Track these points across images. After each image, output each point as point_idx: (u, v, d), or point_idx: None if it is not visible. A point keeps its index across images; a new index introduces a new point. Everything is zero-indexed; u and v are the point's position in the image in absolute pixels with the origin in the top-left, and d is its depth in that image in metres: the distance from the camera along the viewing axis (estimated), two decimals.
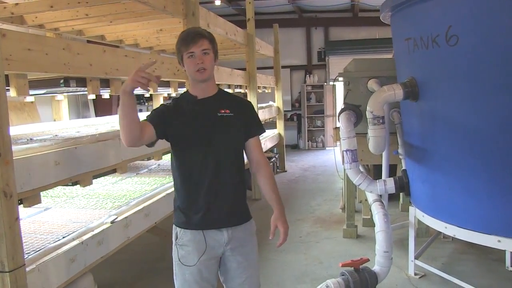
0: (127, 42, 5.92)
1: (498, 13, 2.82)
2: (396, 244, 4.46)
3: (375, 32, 12.31)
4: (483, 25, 2.90)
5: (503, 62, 2.85)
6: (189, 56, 2.25)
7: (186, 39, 2.27)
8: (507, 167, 3.03)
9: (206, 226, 2.33)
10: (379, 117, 3.62)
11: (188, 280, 2.34)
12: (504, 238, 3.07)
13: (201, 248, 2.32)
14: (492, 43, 2.87)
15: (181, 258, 2.34)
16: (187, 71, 2.32)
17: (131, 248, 4.15)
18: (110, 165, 3.15)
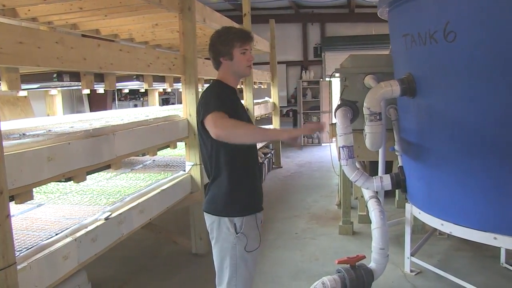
0: (122, 37, 5.86)
1: (496, 10, 2.79)
2: (392, 241, 4.43)
3: (371, 28, 12.29)
4: (481, 21, 2.87)
5: (501, 59, 2.83)
6: (242, 52, 2.47)
7: (244, 36, 2.50)
8: (503, 165, 3.01)
9: (261, 208, 2.61)
10: (376, 113, 3.59)
11: (249, 268, 2.51)
12: (499, 235, 3.05)
13: (257, 231, 2.53)
14: (490, 39, 2.85)
15: (247, 247, 2.45)
16: (235, 65, 2.50)
17: (125, 245, 4.11)
18: (104, 161, 3.10)
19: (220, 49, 2.49)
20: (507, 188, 3.02)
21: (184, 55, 4.40)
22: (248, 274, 2.52)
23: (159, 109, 6.35)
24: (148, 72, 3.92)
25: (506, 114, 2.90)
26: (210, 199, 2.54)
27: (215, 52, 2.52)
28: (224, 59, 2.49)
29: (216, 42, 2.50)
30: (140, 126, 3.65)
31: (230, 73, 2.55)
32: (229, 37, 2.48)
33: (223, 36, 2.49)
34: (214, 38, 2.52)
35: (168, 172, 4.56)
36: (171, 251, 4.79)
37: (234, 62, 2.49)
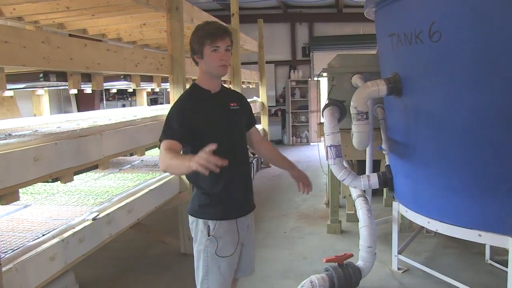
0: (110, 36, 5.83)
1: (480, 10, 2.83)
2: (379, 239, 4.48)
3: (359, 28, 12.34)
4: (466, 21, 2.91)
5: (485, 58, 2.87)
6: (213, 50, 2.30)
7: (214, 33, 2.31)
8: (487, 163, 3.06)
9: (240, 214, 2.52)
10: (363, 112, 3.62)
11: (223, 273, 2.44)
12: (484, 232, 3.10)
13: (235, 237, 2.47)
14: (475, 39, 2.89)
15: (218, 250, 2.40)
16: (206, 65, 2.37)
17: (113, 245, 4.10)
18: (91, 161, 3.09)
19: (193, 47, 2.38)
20: (490, 186, 3.07)
21: (172, 55, 4.39)
22: (222, 279, 2.45)
23: (147, 109, 6.33)
24: (136, 72, 3.91)
25: (489, 113, 2.95)
26: (191, 200, 2.53)
27: (190, 50, 2.42)
28: (197, 58, 2.39)
29: (191, 39, 2.39)
30: (128, 126, 3.65)
31: (203, 74, 2.44)
32: (199, 34, 2.35)
33: (196, 33, 2.37)
34: (192, 35, 2.40)
35: (157, 172, 4.55)
36: (160, 251, 4.78)
37: (205, 61, 2.35)
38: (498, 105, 2.89)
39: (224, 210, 2.45)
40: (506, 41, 2.75)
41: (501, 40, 2.77)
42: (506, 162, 2.97)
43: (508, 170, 2.98)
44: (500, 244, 3.12)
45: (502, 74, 2.83)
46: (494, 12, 2.78)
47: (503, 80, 2.83)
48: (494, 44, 2.81)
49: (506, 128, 2.87)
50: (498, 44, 2.79)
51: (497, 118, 2.91)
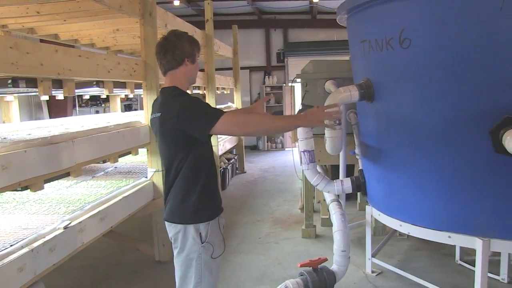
0: (83, 42, 5.76)
1: (447, 18, 2.90)
2: (353, 243, 4.53)
3: (333, 34, 12.49)
4: (434, 29, 2.98)
5: (453, 64, 2.94)
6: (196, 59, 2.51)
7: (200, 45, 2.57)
8: (456, 167, 3.12)
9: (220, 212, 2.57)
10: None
11: (214, 275, 2.50)
12: (454, 234, 3.18)
13: (221, 236, 2.53)
14: (442, 46, 2.95)
15: (213, 254, 2.46)
16: (192, 71, 2.52)
17: (86, 254, 4.05)
18: (63, 169, 3.04)
19: (186, 49, 2.44)
20: (458, 189, 3.15)
21: (146, 61, 4.36)
22: (213, 281, 2.51)
23: (121, 115, 6.26)
24: (109, 78, 3.87)
25: (457, 118, 3.02)
26: (175, 207, 2.48)
27: (181, 51, 2.43)
28: (188, 61, 2.45)
29: (184, 41, 2.44)
30: (101, 133, 3.60)
31: (185, 79, 2.50)
32: (193, 42, 2.48)
33: (188, 38, 2.47)
34: (180, 37, 2.45)
35: (130, 179, 4.50)
36: (134, 259, 4.73)
37: (194, 66, 2.50)
38: (465, 110, 2.96)
39: (212, 210, 2.51)
40: (472, 48, 2.83)
41: (467, 47, 2.85)
42: (472, 165, 3.04)
43: (474, 173, 3.05)
44: (468, 245, 3.19)
45: (469, 80, 2.90)
46: (460, 21, 2.85)
47: (470, 86, 2.91)
48: (460, 51, 2.88)
49: (473, 132, 2.94)
50: (464, 51, 2.87)
51: (464, 123, 2.98)
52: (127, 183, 4.29)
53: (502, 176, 2.96)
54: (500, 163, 2.86)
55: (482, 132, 2.85)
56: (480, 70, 2.84)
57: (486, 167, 2.99)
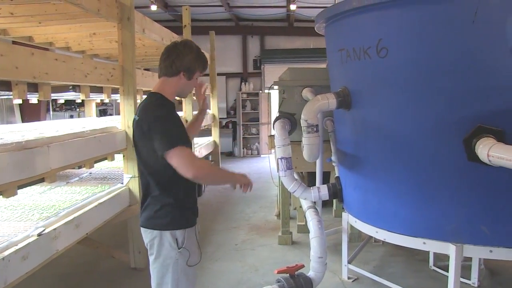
0: (58, 45, 5.67)
1: (423, 29, 2.97)
2: (330, 249, 4.56)
3: (309, 42, 12.61)
4: (410, 39, 3.05)
5: (428, 74, 3.01)
6: (197, 78, 2.53)
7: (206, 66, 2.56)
8: (430, 174, 3.19)
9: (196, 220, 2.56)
10: (313, 125, 3.69)
11: (190, 281, 2.49)
12: (428, 240, 3.25)
13: (197, 244, 2.52)
14: (418, 56, 3.03)
15: (189, 261, 2.43)
16: (185, 86, 2.50)
17: (60, 261, 3.97)
18: (37, 174, 2.97)
19: (188, 64, 2.43)
20: (432, 196, 3.22)
21: (123, 65, 4.32)
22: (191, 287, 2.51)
23: (97, 121, 6.17)
24: (85, 83, 3.81)
25: (431, 126, 3.09)
26: (152, 214, 2.45)
27: (181, 63, 2.42)
28: (183, 75, 2.44)
29: (189, 54, 2.43)
30: (77, 138, 3.54)
31: (174, 90, 2.47)
32: (199, 61, 2.47)
33: (197, 55, 2.46)
34: (188, 48, 2.44)
35: (106, 185, 4.44)
36: (109, 266, 4.65)
37: (188, 84, 2.49)
38: (439, 119, 3.03)
39: (188, 218, 2.50)
40: (446, 59, 2.91)
41: (441, 58, 2.92)
42: (446, 173, 3.11)
43: (448, 180, 3.12)
44: (442, 251, 3.26)
45: (443, 89, 2.97)
46: (435, 32, 2.92)
47: (444, 95, 2.98)
48: (435, 61, 2.96)
49: (446, 140, 3.02)
50: (438, 62, 2.94)
51: (438, 131, 3.05)
52: (103, 189, 4.22)
53: (474, 183, 3.04)
54: (473, 171, 2.94)
55: (456, 141, 2.92)
56: (454, 80, 2.92)
57: (460, 175, 3.06)
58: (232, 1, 11.22)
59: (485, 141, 2.76)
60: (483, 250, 3.11)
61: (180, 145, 2.26)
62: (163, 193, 2.42)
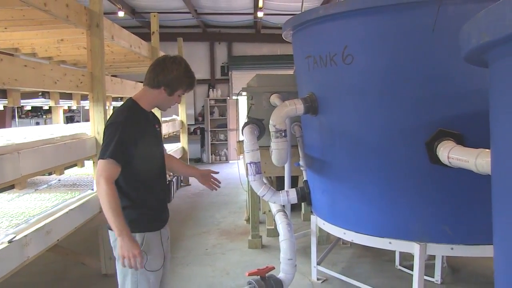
0: (24, 51, 5.60)
1: (386, 37, 3.11)
2: (299, 252, 4.65)
3: (276, 49, 12.78)
4: (374, 46, 3.19)
5: (391, 80, 3.15)
6: (179, 95, 2.56)
7: (191, 85, 2.58)
8: (394, 177, 3.33)
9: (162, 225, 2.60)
10: (281, 130, 3.79)
11: (152, 284, 2.48)
12: (394, 240, 3.38)
13: (161, 250, 2.54)
14: (382, 63, 3.17)
15: (147, 265, 2.42)
16: (164, 101, 2.55)
17: (29, 269, 3.91)
18: (7, 181, 2.96)
19: (169, 81, 2.47)
20: (396, 197, 3.36)
21: (92, 72, 4.32)
22: None
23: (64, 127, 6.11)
24: (55, 89, 3.81)
25: (395, 130, 3.23)
26: None
27: (164, 78, 2.47)
28: (164, 90, 2.48)
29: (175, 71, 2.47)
30: (47, 144, 3.53)
31: (152, 102, 2.55)
32: (183, 79, 2.51)
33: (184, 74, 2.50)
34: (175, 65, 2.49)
35: (75, 191, 4.42)
36: (80, 273, 4.62)
37: (168, 99, 2.53)
38: (402, 124, 3.18)
39: (151, 221, 2.53)
40: (408, 65, 3.06)
41: (404, 64, 3.08)
42: (409, 175, 3.26)
43: (410, 182, 3.27)
44: (407, 250, 3.41)
45: (406, 95, 3.12)
46: (397, 40, 3.07)
47: (407, 101, 3.13)
48: (397, 68, 3.11)
49: (409, 144, 3.16)
50: (401, 68, 3.09)
51: (401, 136, 3.20)
52: (73, 195, 4.21)
53: (437, 185, 3.19)
54: (435, 173, 3.09)
55: (418, 144, 3.07)
56: (416, 86, 3.07)
57: (422, 177, 3.21)
58: (200, 8, 11.27)
59: (446, 144, 2.90)
60: (445, 248, 3.26)
61: (108, 157, 2.29)
62: (121, 196, 2.42)
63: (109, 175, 2.29)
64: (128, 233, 2.26)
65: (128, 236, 2.25)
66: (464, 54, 1.30)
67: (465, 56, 1.32)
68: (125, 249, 2.24)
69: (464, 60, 1.40)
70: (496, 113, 1.30)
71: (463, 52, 1.30)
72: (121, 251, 2.25)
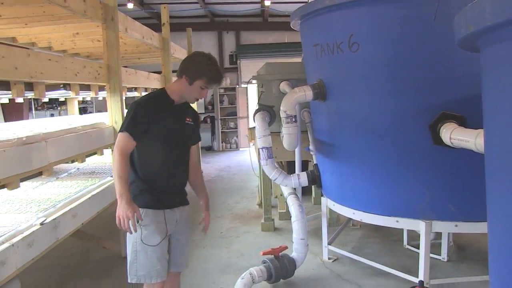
0: (40, 45, 5.79)
1: (390, 25, 3.26)
2: (310, 234, 4.83)
3: (284, 37, 12.90)
4: (379, 34, 3.34)
5: (395, 66, 3.31)
6: (202, 88, 2.68)
7: (214, 79, 2.69)
8: (400, 158, 3.49)
9: (167, 207, 2.74)
10: (292, 116, 3.96)
11: (150, 258, 2.64)
12: (401, 218, 3.55)
13: (162, 228, 2.66)
14: (386, 50, 3.32)
15: (143, 238, 2.61)
16: (187, 90, 2.69)
17: (53, 254, 4.12)
18: (37, 168, 3.17)
19: (189, 70, 2.66)
20: (403, 178, 3.52)
21: (109, 64, 4.51)
22: (150, 265, 2.64)
23: (80, 118, 6.32)
24: (76, 81, 4.00)
25: (400, 114, 3.39)
26: None
27: (185, 67, 2.69)
28: (185, 79, 2.66)
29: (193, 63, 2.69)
30: (70, 134, 3.73)
31: (176, 90, 2.74)
32: (203, 70, 2.64)
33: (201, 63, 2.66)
34: (199, 59, 2.69)
35: (95, 178, 4.62)
36: (101, 256, 4.84)
37: (190, 88, 2.67)
38: (406, 107, 3.34)
39: (152, 200, 2.69)
40: (411, 51, 3.21)
41: (407, 50, 3.22)
42: (414, 157, 3.42)
43: (416, 163, 3.43)
44: (413, 227, 3.59)
45: (410, 80, 3.27)
46: (401, 27, 3.22)
47: (411, 85, 3.28)
48: (402, 54, 3.26)
49: (414, 127, 3.32)
50: (405, 54, 3.24)
51: (406, 119, 3.36)
52: (93, 182, 4.41)
53: (440, 165, 3.35)
54: (439, 154, 3.24)
55: (422, 127, 3.22)
56: (420, 72, 3.23)
57: (426, 158, 3.37)
58: None
59: (448, 126, 3.06)
60: (450, 225, 3.44)
61: (124, 131, 2.56)
62: (132, 170, 2.69)
63: (123, 146, 2.55)
64: (128, 197, 2.45)
65: (127, 199, 2.44)
66: (457, 42, 1.46)
67: (458, 43, 1.47)
68: (121, 209, 2.41)
69: (459, 47, 1.56)
70: (486, 95, 1.46)
71: (456, 40, 1.46)
72: (118, 211, 2.44)
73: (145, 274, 2.66)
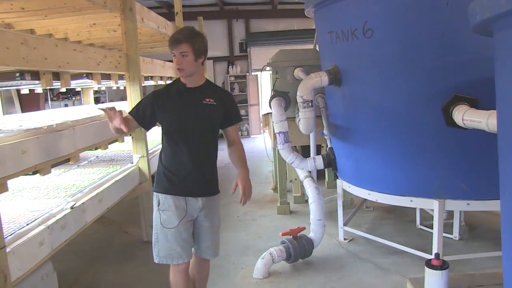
0: (57, 36, 5.89)
1: (404, 11, 3.35)
2: (326, 216, 4.94)
3: (293, 24, 12.91)
4: (392, 20, 3.43)
5: (409, 51, 3.40)
6: (172, 56, 2.70)
7: (169, 42, 2.72)
8: (414, 140, 3.60)
9: (189, 195, 2.81)
10: (308, 101, 4.07)
11: (170, 241, 2.78)
12: (414, 198, 3.68)
13: (181, 212, 2.78)
14: (400, 36, 3.42)
15: (163, 222, 2.77)
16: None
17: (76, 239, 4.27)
18: (65, 154, 3.32)
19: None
20: (416, 159, 3.64)
21: (128, 53, 4.62)
22: (169, 247, 2.79)
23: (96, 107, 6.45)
24: (98, 70, 4.12)
25: (413, 97, 3.49)
26: None
27: None
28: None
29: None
30: (94, 121, 3.88)
31: None
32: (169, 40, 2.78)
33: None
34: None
35: (116, 165, 4.77)
36: (123, 241, 5.01)
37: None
38: (420, 91, 3.44)
39: (171, 187, 2.82)
40: (425, 37, 3.30)
41: (421, 36, 3.31)
42: (427, 138, 3.53)
43: (429, 145, 3.54)
44: (427, 206, 3.71)
45: (423, 65, 3.37)
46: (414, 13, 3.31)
47: (424, 70, 3.38)
48: (414, 40, 3.35)
49: (426, 109, 3.42)
50: (418, 40, 3.33)
51: (419, 101, 3.46)
52: (115, 169, 4.56)
53: (452, 146, 3.46)
54: (451, 135, 3.35)
55: (435, 109, 3.33)
56: (432, 56, 3.32)
57: (439, 139, 3.49)
58: None
59: (460, 107, 3.16)
60: (462, 203, 3.56)
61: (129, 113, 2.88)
62: (159, 159, 2.91)
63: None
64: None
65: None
66: (472, 27, 1.56)
67: (473, 28, 1.57)
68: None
69: (473, 32, 1.66)
70: (499, 77, 1.57)
71: (471, 25, 1.56)
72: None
73: (166, 255, 2.83)
